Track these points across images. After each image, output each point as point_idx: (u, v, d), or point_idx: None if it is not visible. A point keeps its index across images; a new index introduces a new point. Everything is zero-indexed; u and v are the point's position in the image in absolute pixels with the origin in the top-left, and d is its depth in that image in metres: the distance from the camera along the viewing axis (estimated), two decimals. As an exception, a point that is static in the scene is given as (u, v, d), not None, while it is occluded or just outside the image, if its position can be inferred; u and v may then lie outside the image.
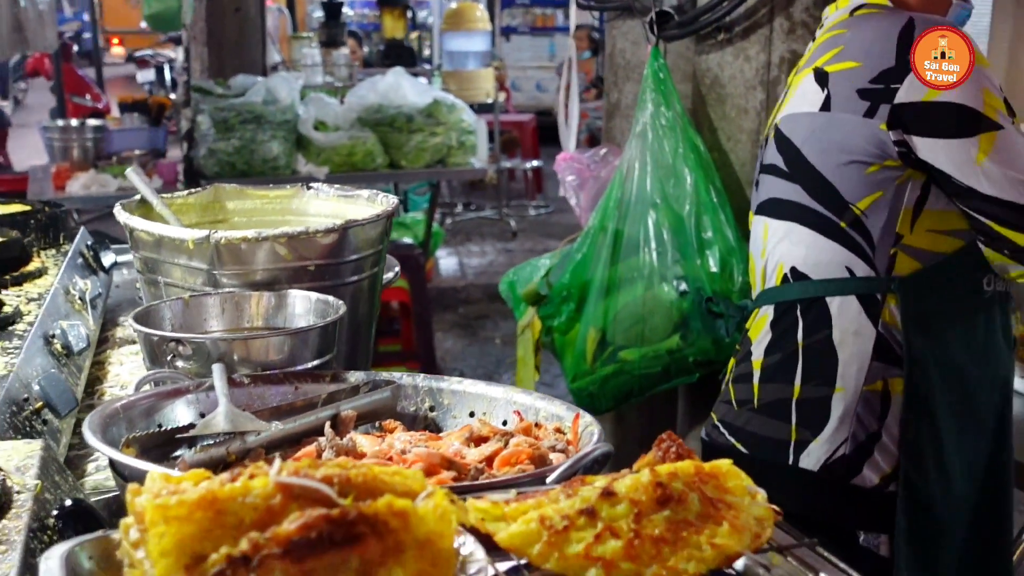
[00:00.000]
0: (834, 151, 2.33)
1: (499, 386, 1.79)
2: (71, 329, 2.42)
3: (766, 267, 2.53)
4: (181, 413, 1.69)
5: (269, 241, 2.05)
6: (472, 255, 9.59)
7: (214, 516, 1.01)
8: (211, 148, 6.47)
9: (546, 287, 3.60)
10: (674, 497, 1.15)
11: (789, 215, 2.44)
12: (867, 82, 2.28)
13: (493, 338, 7.32)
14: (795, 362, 2.43)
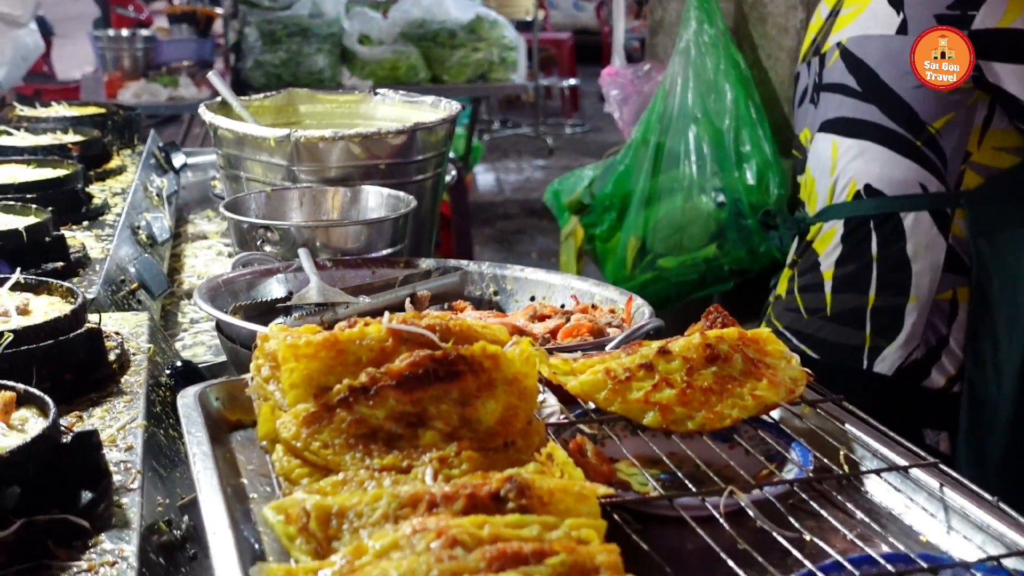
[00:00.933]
0: (910, 74, 2.36)
1: (557, 273, 1.96)
2: (154, 221, 2.59)
3: (835, 184, 2.61)
4: (274, 289, 1.85)
5: (344, 141, 2.21)
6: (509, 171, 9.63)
7: (336, 355, 1.20)
8: (258, 60, 6.57)
9: (589, 197, 3.70)
10: (721, 356, 1.33)
11: (864, 134, 2.52)
12: (944, 8, 2.37)
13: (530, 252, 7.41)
14: (869, 273, 2.54)
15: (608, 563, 0.95)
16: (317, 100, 2.66)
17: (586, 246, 3.75)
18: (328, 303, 1.72)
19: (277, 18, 6.65)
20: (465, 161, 7.38)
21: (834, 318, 2.61)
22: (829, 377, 2.52)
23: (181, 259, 2.80)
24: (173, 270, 2.70)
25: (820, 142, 2.68)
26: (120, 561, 1.20)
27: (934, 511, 1.17)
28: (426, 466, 1.10)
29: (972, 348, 2.50)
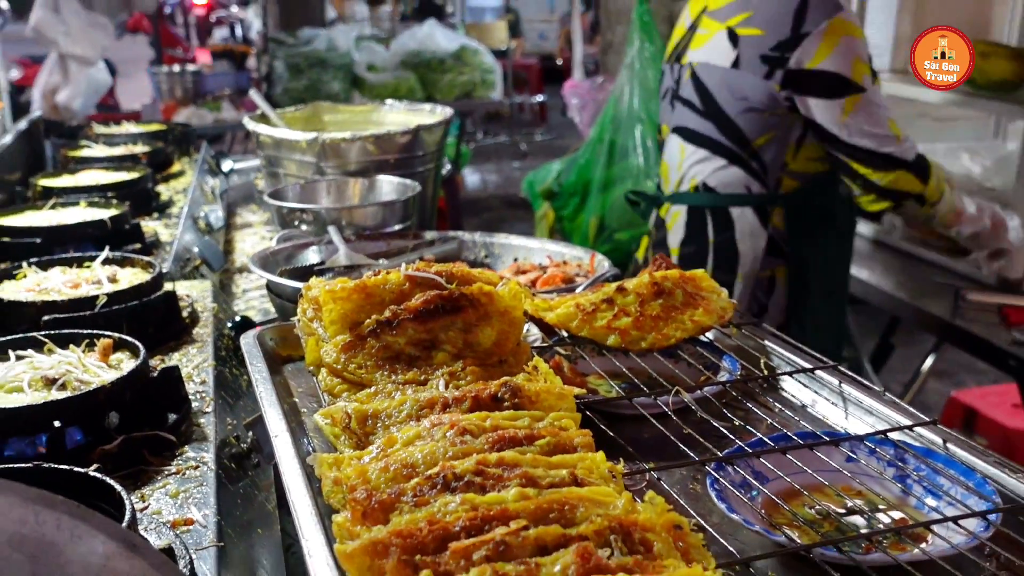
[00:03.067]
0: (740, 100, 2.42)
1: (535, 239, 1.99)
2: (211, 212, 2.61)
3: (682, 177, 2.61)
4: (311, 256, 1.89)
5: (361, 141, 2.25)
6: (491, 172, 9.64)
7: (365, 297, 1.23)
8: (285, 87, 6.56)
9: (557, 185, 3.74)
10: (665, 291, 1.37)
11: (704, 145, 2.52)
12: (768, 49, 2.36)
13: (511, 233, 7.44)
14: (706, 254, 2.56)
15: (583, 443, 0.99)
16: (338, 111, 2.69)
17: (556, 225, 3.80)
18: (355, 265, 1.76)
19: (300, 52, 6.65)
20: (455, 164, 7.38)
21: None
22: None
23: (232, 243, 2.81)
24: (226, 251, 2.72)
25: (672, 141, 2.66)
26: (201, 465, 1.24)
27: (835, 401, 1.21)
28: (439, 379, 1.14)
29: (794, 313, 2.55)
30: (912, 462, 1.04)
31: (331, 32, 6.98)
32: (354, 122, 2.66)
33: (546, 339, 1.37)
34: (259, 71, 7.26)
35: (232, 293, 2.41)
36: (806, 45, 2.30)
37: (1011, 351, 2.54)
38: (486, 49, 7.21)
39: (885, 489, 1.03)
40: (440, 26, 7.08)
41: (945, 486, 1.00)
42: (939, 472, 1.01)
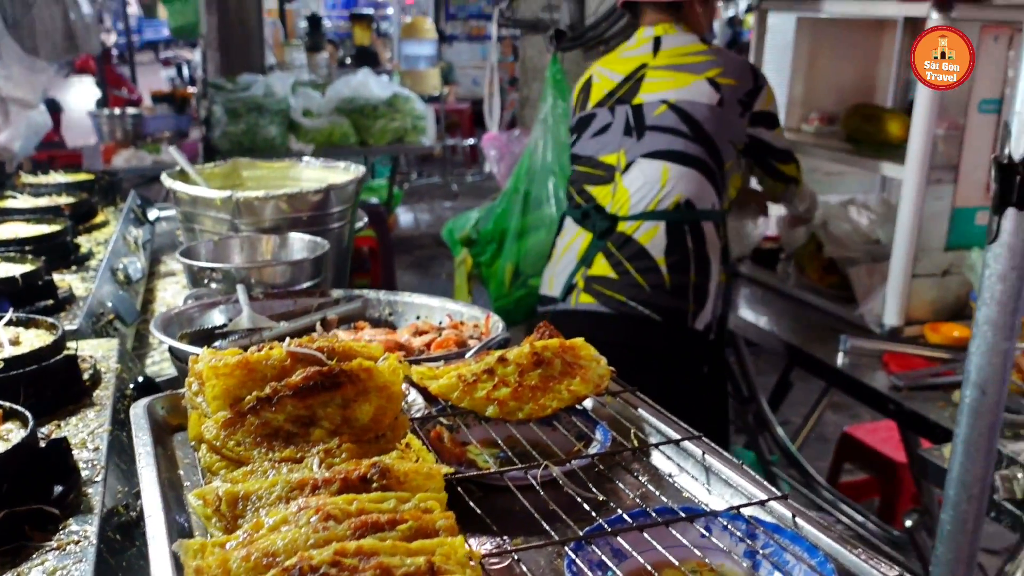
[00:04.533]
0: (722, 131, 2.81)
1: (436, 298, 1.97)
2: (130, 264, 2.55)
3: (662, 196, 2.79)
4: (216, 317, 1.83)
5: (274, 199, 2.21)
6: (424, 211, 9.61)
7: (247, 373, 1.20)
8: (224, 131, 6.47)
9: (476, 233, 3.72)
10: (545, 361, 1.36)
11: (692, 164, 2.79)
12: (743, 95, 2.83)
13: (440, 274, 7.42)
14: (688, 262, 2.80)
15: (446, 527, 0.97)
16: (256, 167, 2.65)
17: (474, 271, 3.77)
18: (256, 328, 1.72)
19: (238, 98, 6.57)
20: (388, 206, 7.36)
21: (671, 291, 2.81)
22: (666, 334, 2.81)
23: (154, 292, 2.75)
24: (147, 301, 2.66)
25: (647, 165, 2.82)
26: (83, 540, 1.19)
27: (697, 474, 1.21)
28: (314, 456, 1.11)
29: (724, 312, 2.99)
30: (762, 538, 1.03)
31: (269, 78, 6.91)
32: (272, 178, 2.62)
33: (430, 408, 1.35)
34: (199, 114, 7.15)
35: (149, 344, 2.35)
36: (762, 95, 2.86)
37: (890, 396, 2.58)
38: (417, 96, 7.21)
39: (736, 566, 1.02)
40: (373, 74, 7.06)
41: (790, 564, 0.99)
42: (786, 549, 1.01)
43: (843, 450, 3.99)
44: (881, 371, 2.72)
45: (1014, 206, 1.47)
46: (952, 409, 2.43)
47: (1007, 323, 1.53)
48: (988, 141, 2.79)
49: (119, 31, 18.69)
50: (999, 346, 1.53)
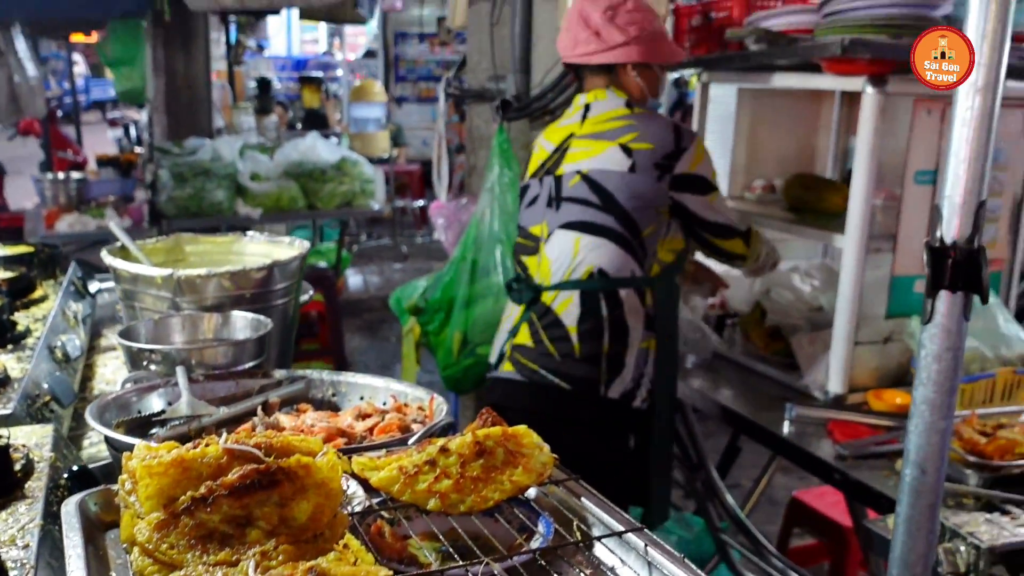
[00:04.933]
0: (636, 198, 2.78)
1: (381, 378, 1.95)
2: (69, 341, 2.50)
3: (575, 266, 2.83)
4: (155, 402, 1.80)
5: (217, 277, 2.19)
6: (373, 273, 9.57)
7: (182, 471, 1.18)
8: (170, 195, 6.42)
9: (423, 301, 3.71)
10: (487, 450, 1.35)
11: (602, 234, 2.80)
12: (660, 158, 2.79)
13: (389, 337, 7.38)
14: (602, 329, 2.80)
15: (383, 634, 0.95)
16: (199, 241, 2.62)
17: (422, 339, 3.76)
18: (194, 415, 1.69)
19: (185, 162, 6.53)
20: (336, 269, 7.33)
21: (581, 360, 2.82)
22: (575, 402, 2.79)
23: (94, 368, 2.70)
24: (86, 378, 2.60)
25: (562, 236, 2.88)
26: (9, 646, 1.15)
27: (639, 568, 1.20)
28: (250, 559, 1.09)
29: (659, 381, 2.90)
30: (704, 638, 1.03)
31: (216, 142, 6.89)
32: (216, 253, 2.60)
33: (370, 500, 1.33)
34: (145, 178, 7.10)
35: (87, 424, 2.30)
36: (685, 157, 2.81)
37: (835, 466, 2.60)
38: (366, 159, 7.23)
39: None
40: (322, 138, 7.07)
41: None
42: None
43: (792, 515, 4.00)
44: (827, 439, 2.75)
45: (946, 289, 1.50)
46: (896, 478, 2.45)
47: (944, 402, 1.55)
48: (924, 211, 2.86)
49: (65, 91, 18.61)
50: (937, 425, 1.56)
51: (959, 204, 1.51)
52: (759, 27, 3.06)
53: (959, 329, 1.51)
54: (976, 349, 2.80)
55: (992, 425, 2.52)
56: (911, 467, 1.58)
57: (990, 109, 1.48)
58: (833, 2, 2.86)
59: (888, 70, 2.78)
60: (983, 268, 1.46)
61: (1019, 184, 3.07)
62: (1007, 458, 2.34)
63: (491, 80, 3.93)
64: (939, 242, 1.52)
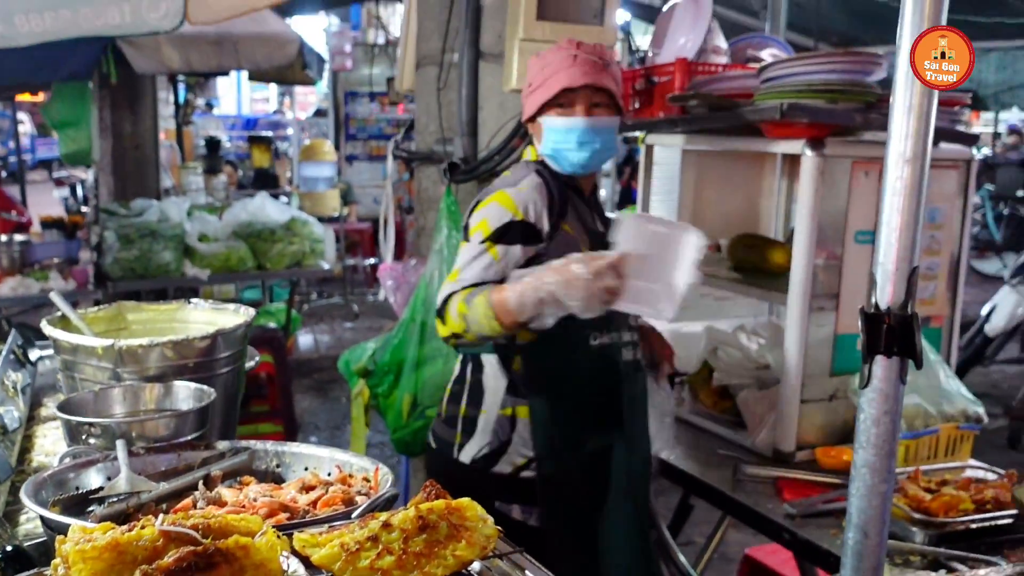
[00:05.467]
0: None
1: (326, 448, 1.93)
2: (6, 413, 2.45)
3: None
4: (94, 478, 1.77)
5: (159, 347, 2.17)
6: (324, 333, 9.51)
7: (117, 556, 1.16)
8: (116, 257, 6.37)
9: (372, 364, 3.69)
10: (430, 525, 1.34)
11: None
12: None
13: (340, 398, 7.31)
14: (463, 391, 2.75)
15: None
16: (142, 309, 2.59)
17: (372, 402, 3.73)
18: (134, 492, 1.66)
19: (131, 223, 6.49)
20: (286, 330, 7.27)
21: (444, 420, 2.81)
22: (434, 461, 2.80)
23: (33, 439, 2.64)
24: (25, 449, 2.54)
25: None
26: None
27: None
28: (186, 646, 1.07)
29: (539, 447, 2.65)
30: None
31: (164, 203, 6.87)
32: (158, 321, 2.57)
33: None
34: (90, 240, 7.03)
35: (25, 499, 2.25)
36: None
37: (783, 524, 2.61)
38: (316, 219, 7.23)
39: None
40: (271, 198, 7.07)
41: None
42: None
43: (746, 572, 4.00)
44: (776, 498, 2.76)
45: (882, 353, 1.53)
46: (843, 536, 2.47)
47: (883, 465, 1.57)
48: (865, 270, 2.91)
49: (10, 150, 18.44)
50: (878, 488, 1.58)
51: (892, 271, 1.55)
52: (701, 92, 3.13)
53: (896, 393, 1.54)
54: (919, 405, 2.84)
55: (936, 481, 2.57)
56: (853, 530, 1.60)
57: (919, 178, 1.52)
58: (772, 68, 2.94)
59: (826, 133, 2.86)
60: (916, 334, 1.50)
61: (956, 242, 3.15)
62: (952, 514, 2.38)
63: (439, 143, 3.96)
64: (874, 308, 1.55)
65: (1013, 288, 7.20)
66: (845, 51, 3.05)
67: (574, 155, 2.60)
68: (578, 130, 2.56)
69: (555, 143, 2.60)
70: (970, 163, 3.12)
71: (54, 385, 3.07)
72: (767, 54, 3.54)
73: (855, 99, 2.82)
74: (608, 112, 2.60)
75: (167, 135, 10.34)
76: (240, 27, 6.48)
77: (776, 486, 2.81)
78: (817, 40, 5.66)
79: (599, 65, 2.57)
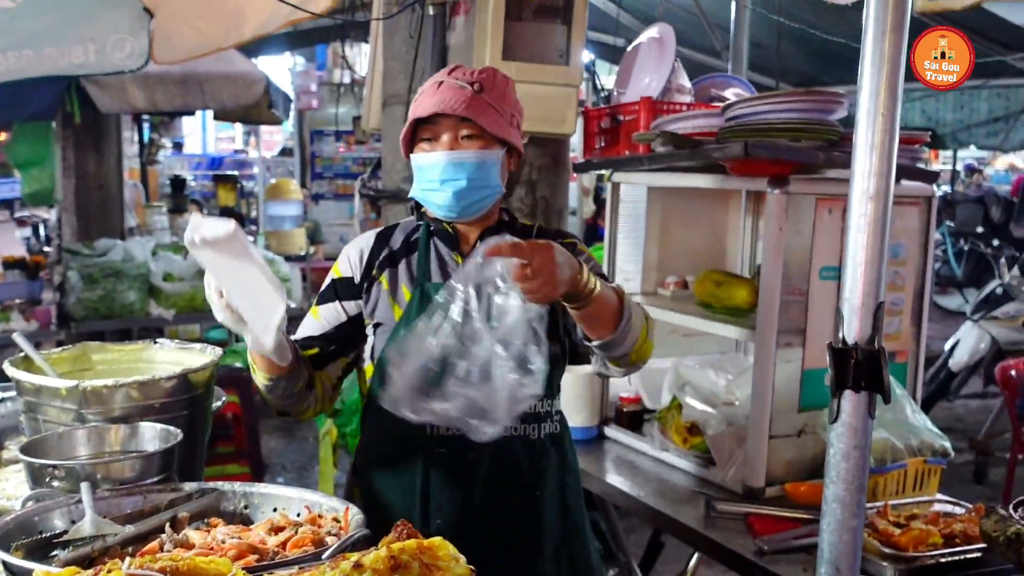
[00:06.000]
0: None
1: (295, 488, 1.92)
2: (-34, 457, 2.41)
3: None
4: (57, 522, 1.74)
5: (124, 387, 2.14)
6: (291, 372, 9.44)
7: (82, 601, 1.14)
8: (79, 297, 6.32)
9: (340, 403, 3.68)
10: (402, 565, 1.33)
11: None
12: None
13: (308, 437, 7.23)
14: None
15: None
16: (107, 350, 2.56)
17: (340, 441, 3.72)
18: (99, 535, 1.64)
19: (95, 263, 6.44)
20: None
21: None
22: None
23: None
24: (-16, 494, 2.50)
25: None
26: None
27: None
28: None
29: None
30: None
31: (128, 243, 6.81)
32: (124, 361, 2.54)
33: (282, 622, 1.29)
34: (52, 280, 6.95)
35: (-15, 544, 2.20)
36: None
37: (755, 561, 2.61)
38: (283, 258, 7.20)
39: None
40: (237, 238, 7.02)
41: None
42: None
43: (717, 610, 3.99)
44: (747, 534, 2.76)
45: (850, 388, 1.54)
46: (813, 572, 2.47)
47: (854, 500, 1.58)
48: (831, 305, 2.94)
49: (-29, 191, 18.20)
50: (848, 523, 1.59)
51: (858, 306, 1.57)
52: (665, 131, 3.16)
53: (865, 427, 1.56)
54: (886, 440, 2.86)
55: (905, 516, 2.58)
56: (825, 566, 1.60)
57: (883, 214, 1.55)
58: (735, 107, 2.98)
59: (789, 171, 2.90)
60: (884, 368, 1.51)
61: (919, 277, 3.19)
62: (921, 549, 2.39)
63: (405, 180, 3.96)
64: (841, 343, 1.57)
65: (975, 323, 7.30)
66: (807, 90, 3.09)
67: (437, 196, 2.21)
68: (439, 166, 2.17)
69: (420, 184, 2.25)
70: (931, 200, 3.17)
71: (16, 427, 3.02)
72: (730, 93, 3.59)
73: (818, 137, 2.86)
74: (481, 144, 2.18)
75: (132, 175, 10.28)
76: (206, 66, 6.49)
77: (747, 522, 2.81)
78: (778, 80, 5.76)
79: (466, 93, 2.16)
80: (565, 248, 1.97)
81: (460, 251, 2.29)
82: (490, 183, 2.21)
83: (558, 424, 2.36)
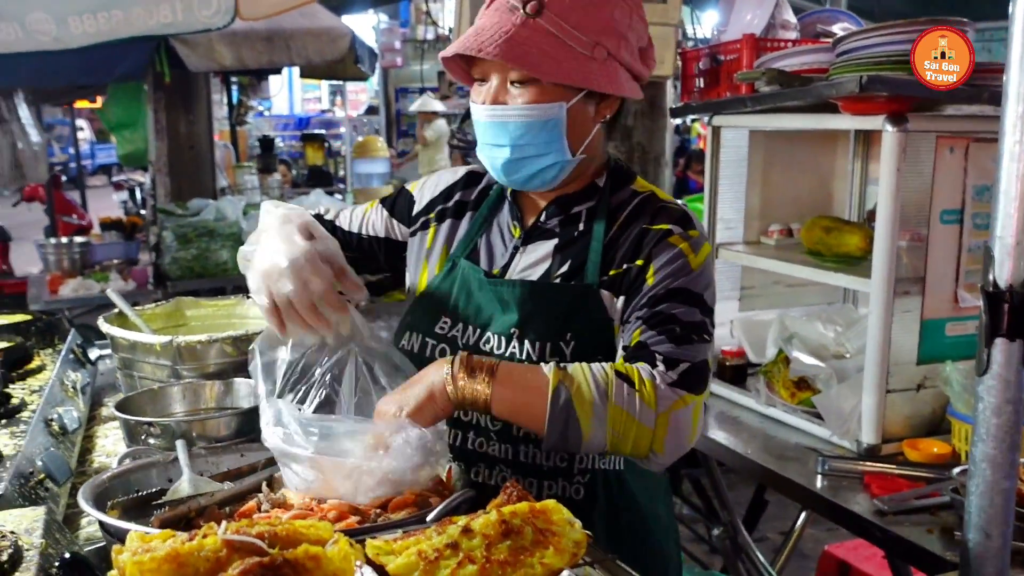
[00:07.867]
0: None
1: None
2: (66, 413, 2.38)
3: None
4: (154, 480, 1.69)
5: (218, 342, 2.09)
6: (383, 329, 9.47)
7: (177, 568, 1.06)
8: (174, 256, 6.39)
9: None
10: (514, 530, 1.22)
11: None
12: None
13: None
14: None
15: None
16: (200, 305, 2.53)
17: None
18: (195, 494, 1.57)
19: (189, 223, 6.51)
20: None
21: None
22: None
23: (94, 440, 2.57)
24: (87, 450, 2.48)
25: None
26: None
27: (691, 661, 1.07)
28: (254, 668, 0.97)
29: None
30: None
31: (220, 202, 6.85)
32: (217, 317, 2.50)
33: (388, 589, 1.20)
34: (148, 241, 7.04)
35: (86, 501, 2.18)
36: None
37: (874, 521, 2.45)
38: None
39: None
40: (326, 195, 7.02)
41: None
42: None
43: (825, 570, 3.84)
44: (863, 493, 2.60)
45: (1003, 336, 1.38)
46: (940, 534, 2.31)
47: (1006, 460, 1.43)
48: (952, 252, 2.75)
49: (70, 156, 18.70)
50: (999, 484, 1.43)
51: (1012, 245, 1.40)
52: (771, 68, 2.97)
53: (1019, 380, 1.40)
54: None
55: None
56: (973, 531, 1.45)
57: (1042, 141, 1.37)
58: (848, 40, 2.77)
59: (907, 107, 2.69)
60: (1044, 313, 1.35)
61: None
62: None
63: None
64: (992, 286, 1.40)
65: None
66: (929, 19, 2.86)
67: (487, 160, 1.74)
68: (480, 124, 1.71)
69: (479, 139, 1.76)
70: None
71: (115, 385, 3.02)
72: (838, 28, 3.36)
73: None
74: (534, 95, 1.62)
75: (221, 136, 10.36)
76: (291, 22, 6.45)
77: (863, 481, 2.65)
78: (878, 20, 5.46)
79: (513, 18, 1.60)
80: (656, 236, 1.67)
81: (522, 223, 1.81)
82: (549, 149, 1.66)
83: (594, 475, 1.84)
